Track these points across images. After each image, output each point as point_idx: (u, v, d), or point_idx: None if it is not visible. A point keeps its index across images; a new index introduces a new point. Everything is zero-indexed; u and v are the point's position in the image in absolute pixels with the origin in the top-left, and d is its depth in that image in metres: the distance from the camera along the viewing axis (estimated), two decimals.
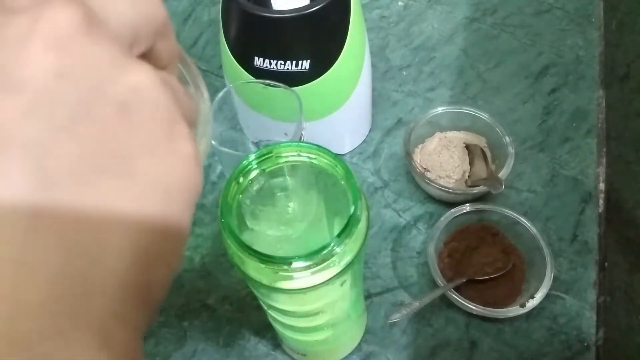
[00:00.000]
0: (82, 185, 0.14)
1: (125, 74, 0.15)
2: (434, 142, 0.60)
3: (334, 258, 0.30)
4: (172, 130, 0.16)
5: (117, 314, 0.15)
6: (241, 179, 0.32)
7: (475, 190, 0.54)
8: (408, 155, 0.56)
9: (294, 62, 0.48)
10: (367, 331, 0.51)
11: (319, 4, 0.45)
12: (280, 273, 0.29)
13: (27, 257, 0.13)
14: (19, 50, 0.14)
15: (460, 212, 0.54)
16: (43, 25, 0.14)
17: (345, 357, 0.50)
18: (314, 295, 0.32)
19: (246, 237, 0.30)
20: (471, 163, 0.58)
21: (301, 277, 0.30)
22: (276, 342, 0.51)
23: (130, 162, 0.15)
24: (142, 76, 0.16)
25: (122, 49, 0.16)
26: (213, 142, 0.42)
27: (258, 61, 0.48)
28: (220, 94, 0.47)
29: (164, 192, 0.16)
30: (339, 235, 0.29)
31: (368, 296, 0.53)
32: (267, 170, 0.33)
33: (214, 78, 0.69)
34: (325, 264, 0.29)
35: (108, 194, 0.15)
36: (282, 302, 0.35)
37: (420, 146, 0.60)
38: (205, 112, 0.31)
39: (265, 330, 0.52)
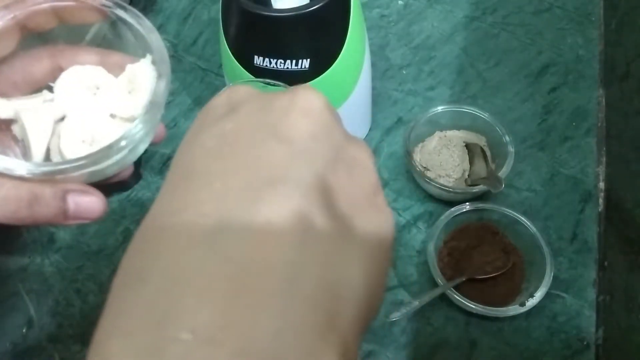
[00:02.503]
0: (337, 216, 0.18)
1: (351, 145, 0.21)
2: (433, 141, 0.60)
3: None
4: (377, 191, 0.21)
5: (355, 329, 0.18)
6: None
7: (475, 189, 0.54)
8: (408, 154, 0.56)
9: (294, 61, 0.48)
10: (367, 330, 0.51)
11: (319, 3, 0.45)
12: None
13: (296, 265, 0.16)
14: (284, 116, 0.19)
15: (460, 211, 0.54)
16: (299, 101, 0.20)
17: None
18: None
19: None
20: (471, 162, 0.58)
21: None
22: None
23: (358, 208, 0.20)
24: (362, 150, 0.21)
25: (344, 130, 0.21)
26: None
27: (258, 60, 0.48)
28: None
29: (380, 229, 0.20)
30: None
31: None
32: None
33: (214, 77, 0.69)
34: None
35: (362, 224, 0.19)
36: None
37: (420, 145, 0.60)
38: (158, 47, 0.29)
39: None
